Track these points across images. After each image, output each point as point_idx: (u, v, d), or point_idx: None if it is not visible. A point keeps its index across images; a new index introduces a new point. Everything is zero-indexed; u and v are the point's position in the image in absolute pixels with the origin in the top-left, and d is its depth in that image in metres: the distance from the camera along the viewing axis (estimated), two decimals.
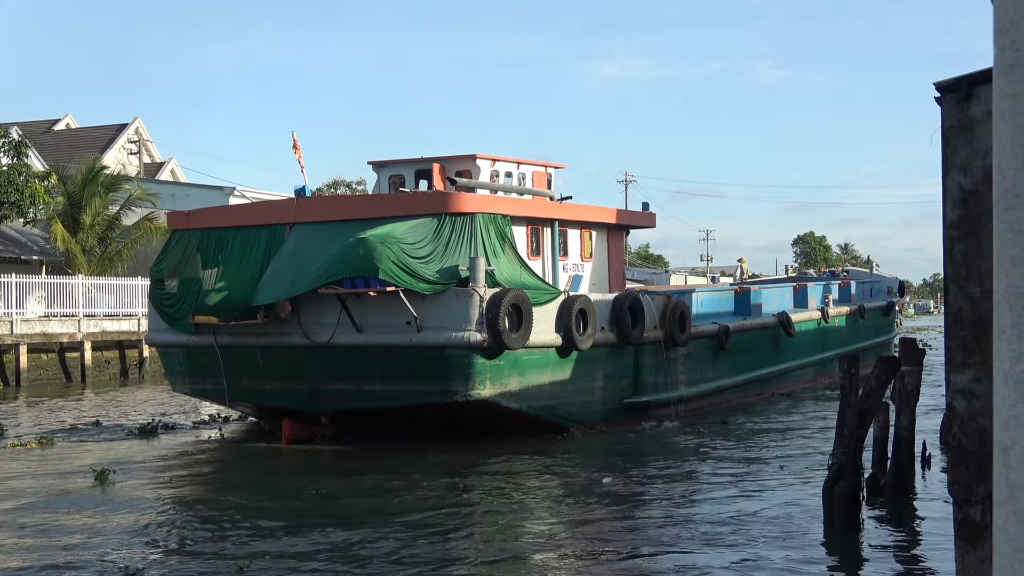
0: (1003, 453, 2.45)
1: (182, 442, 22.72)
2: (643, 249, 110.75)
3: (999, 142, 2.50)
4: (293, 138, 23.72)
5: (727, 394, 27.95)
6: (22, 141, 44.89)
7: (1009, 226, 2.48)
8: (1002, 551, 2.45)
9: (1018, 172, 2.45)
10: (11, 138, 44.31)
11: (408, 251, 20.38)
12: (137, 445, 22.09)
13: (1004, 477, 2.44)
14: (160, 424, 24.84)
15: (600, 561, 12.09)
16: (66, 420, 27.08)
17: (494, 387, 20.77)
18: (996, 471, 2.48)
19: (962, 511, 7.01)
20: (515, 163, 26.71)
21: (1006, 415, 2.45)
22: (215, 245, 23.04)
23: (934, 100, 7.73)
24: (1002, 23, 2.48)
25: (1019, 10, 2.44)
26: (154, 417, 26.11)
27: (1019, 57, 2.46)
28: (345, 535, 13.18)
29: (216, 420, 25.96)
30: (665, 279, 61.48)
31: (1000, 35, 2.49)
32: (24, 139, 45.58)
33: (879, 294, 42.41)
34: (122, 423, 25.90)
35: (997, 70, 2.51)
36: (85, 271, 44.01)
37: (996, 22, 2.51)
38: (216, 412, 26.53)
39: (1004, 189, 2.48)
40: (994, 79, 2.52)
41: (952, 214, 7.40)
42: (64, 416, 28.18)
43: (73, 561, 11.97)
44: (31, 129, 58.30)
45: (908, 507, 14.68)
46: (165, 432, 24.18)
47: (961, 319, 7.25)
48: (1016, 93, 2.46)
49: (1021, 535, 2.42)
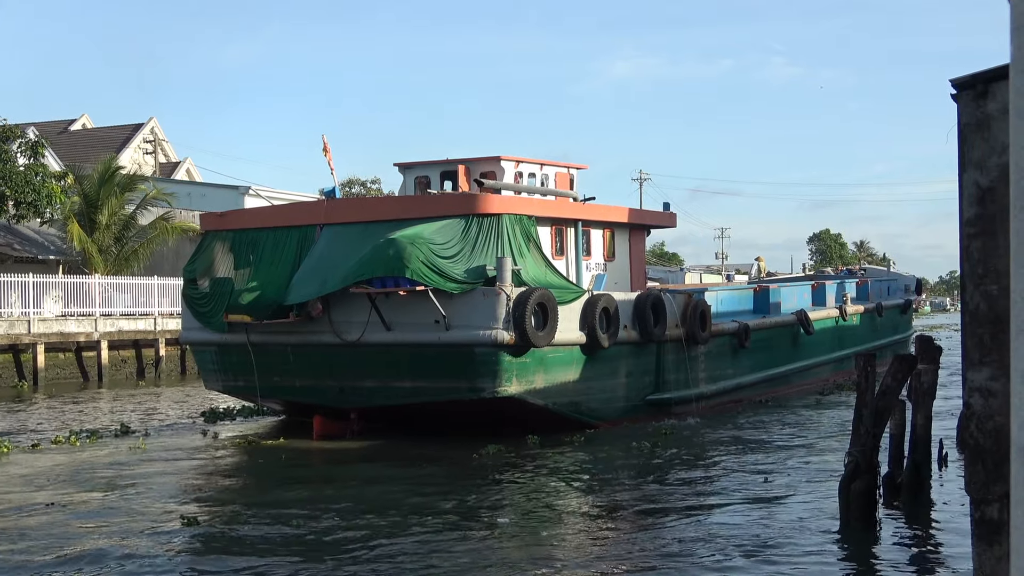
0: (1021, 453, 2.45)
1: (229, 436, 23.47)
2: (658, 247, 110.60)
3: (1016, 141, 2.50)
4: (323, 141, 24.45)
5: (746, 391, 28.23)
6: (39, 141, 45.09)
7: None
8: (1020, 550, 2.45)
9: None
10: (28, 138, 44.50)
11: (436, 251, 20.79)
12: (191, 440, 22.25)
13: (1022, 477, 2.44)
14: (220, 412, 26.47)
15: (619, 561, 12.09)
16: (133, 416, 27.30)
17: (520, 384, 21.19)
18: (1014, 471, 2.48)
19: (979, 510, 6.98)
20: (538, 164, 27.14)
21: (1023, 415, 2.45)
22: (247, 246, 23.52)
23: (950, 97, 7.70)
24: (1019, 22, 2.47)
25: None
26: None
27: None
28: (366, 529, 13.23)
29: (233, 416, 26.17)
30: (680, 277, 61.36)
31: (1017, 34, 2.48)
32: (41, 139, 45.79)
33: (896, 292, 42.36)
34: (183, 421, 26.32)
35: (1014, 69, 2.50)
36: (101, 270, 44.21)
37: (1013, 21, 2.50)
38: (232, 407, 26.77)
39: (1021, 188, 2.48)
40: (1011, 78, 2.51)
41: (968, 211, 7.37)
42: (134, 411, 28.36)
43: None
44: (47, 129, 58.63)
45: (924, 506, 14.63)
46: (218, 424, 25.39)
47: (978, 317, 7.22)
48: None
49: None
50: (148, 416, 27.91)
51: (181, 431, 24.28)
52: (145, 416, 27.90)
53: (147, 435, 23.06)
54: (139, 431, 23.77)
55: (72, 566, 11.78)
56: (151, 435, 23.19)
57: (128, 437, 22.82)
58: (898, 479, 14.83)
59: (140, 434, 23.17)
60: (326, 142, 24.32)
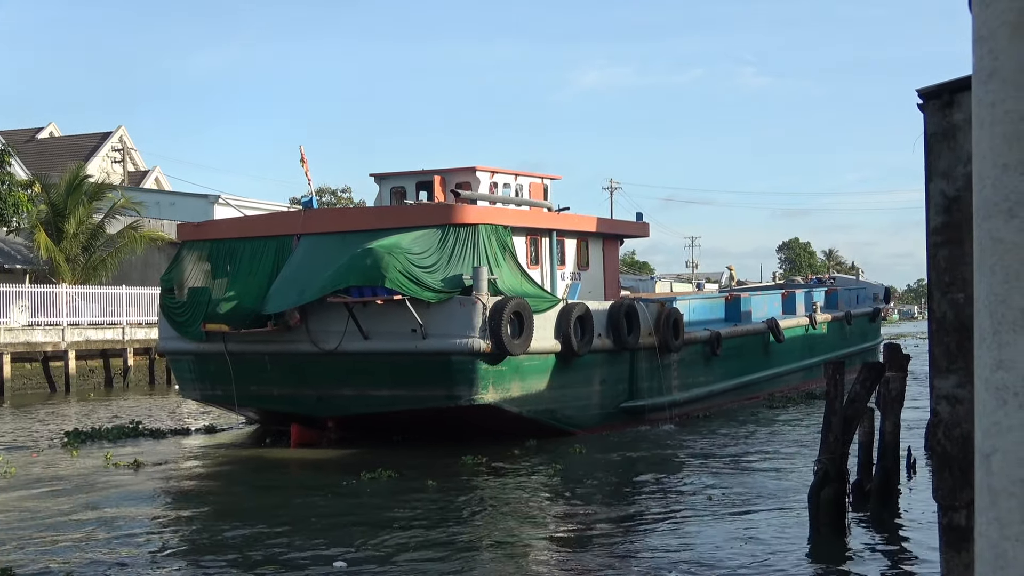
0: (985, 460, 2.47)
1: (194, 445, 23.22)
2: (629, 256, 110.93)
3: (978, 151, 2.52)
4: (301, 152, 24.63)
5: (718, 398, 28.59)
6: (5, 149, 44.67)
7: (988, 234, 2.50)
8: (984, 557, 2.47)
9: (997, 180, 2.47)
10: None
11: (414, 261, 21.02)
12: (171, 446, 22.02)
13: (986, 484, 2.46)
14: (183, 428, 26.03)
15: (590, 568, 12.09)
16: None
17: (496, 392, 21.44)
18: (978, 478, 2.50)
19: (947, 516, 7.03)
20: (513, 175, 27.49)
21: (987, 422, 2.47)
22: (225, 255, 23.62)
23: (916, 107, 7.77)
24: (980, 32, 2.50)
25: (997, 19, 2.46)
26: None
27: (997, 66, 2.47)
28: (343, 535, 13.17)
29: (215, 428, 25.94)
30: (651, 286, 61.47)
31: (979, 44, 2.50)
32: (7, 147, 45.37)
33: (865, 300, 42.79)
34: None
35: (976, 79, 2.53)
36: (69, 280, 43.83)
37: (975, 31, 2.53)
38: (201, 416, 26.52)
39: (984, 198, 2.50)
40: (973, 88, 2.54)
41: (935, 220, 7.44)
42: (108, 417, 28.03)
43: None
44: (14, 137, 58.05)
45: (893, 512, 14.72)
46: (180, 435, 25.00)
47: (945, 325, 7.28)
48: (995, 102, 2.48)
49: (1003, 541, 2.43)
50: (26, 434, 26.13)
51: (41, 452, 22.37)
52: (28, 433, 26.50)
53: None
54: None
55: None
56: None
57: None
58: (867, 486, 14.92)
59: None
60: (303, 153, 24.51)
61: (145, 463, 20.32)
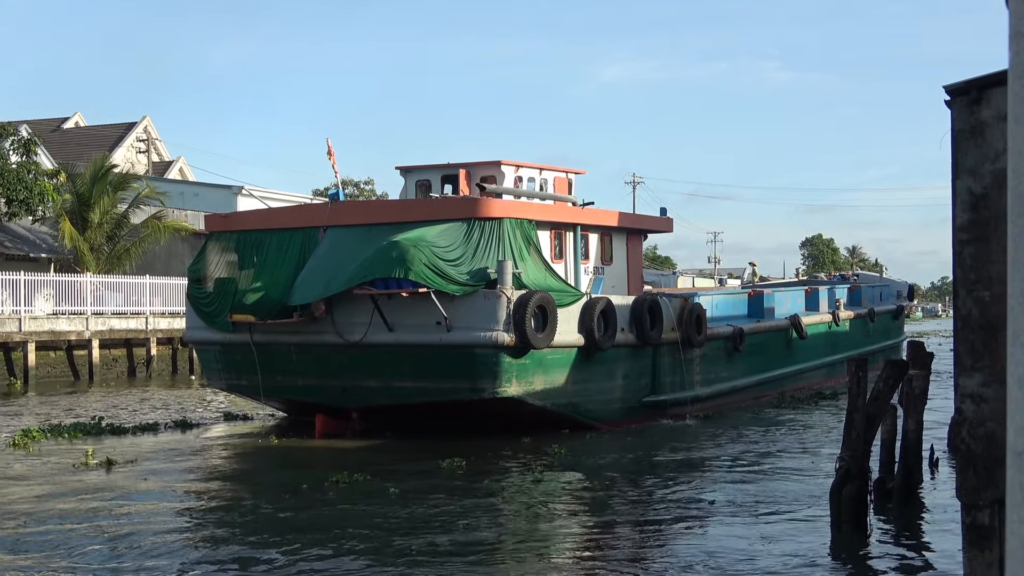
0: (1017, 458, 2.45)
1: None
2: (651, 251, 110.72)
3: (1015, 147, 2.50)
4: (328, 145, 24.72)
5: (741, 394, 28.59)
6: (31, 139, 44.98)
7: (1023, 230, 2.48)
8: (1015, 555, 2.45)
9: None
10: (20, 136, 44.40)
11: (439, 254, 21.17)
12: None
13: (1018, 482, 2.44)
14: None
15: (608, 564, 12.09)
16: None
17: (520, 385, 21.57)
18: (1009, 476, 2.48)
19: (970, 515, 7.00)
20: (538, 169, 27.50)
21: (1020, 419, 2.45)
22: (252, 247, 23.81)
23: (944, 103, 7.71)
24: (1018, 28, 2.47)
25: None
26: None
27: None
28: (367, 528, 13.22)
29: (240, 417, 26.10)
30: (672, 281, 61.42)
31: (1016, 39, 2.48)
32: (33, 137, 45.67)
33: (889, 298, 42.55)
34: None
35: (1013, 74, 2.50)
36: (93, 269, 44.08)
37: (1012, 26, 2.51)
38: None
39: (1019, 193, 2.48)
40: (1009, 84, 2.51)
41: (961, 217, 7.39)
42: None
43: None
44: (40, 127, 58.41)
45: (915, 511, 14.65)
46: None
47: (970, 323, 7.23)
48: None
49: None
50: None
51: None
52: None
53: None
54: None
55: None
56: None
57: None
58: (889, 484, 14.85)
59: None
60: (331, 146, 24.63)
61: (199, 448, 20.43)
